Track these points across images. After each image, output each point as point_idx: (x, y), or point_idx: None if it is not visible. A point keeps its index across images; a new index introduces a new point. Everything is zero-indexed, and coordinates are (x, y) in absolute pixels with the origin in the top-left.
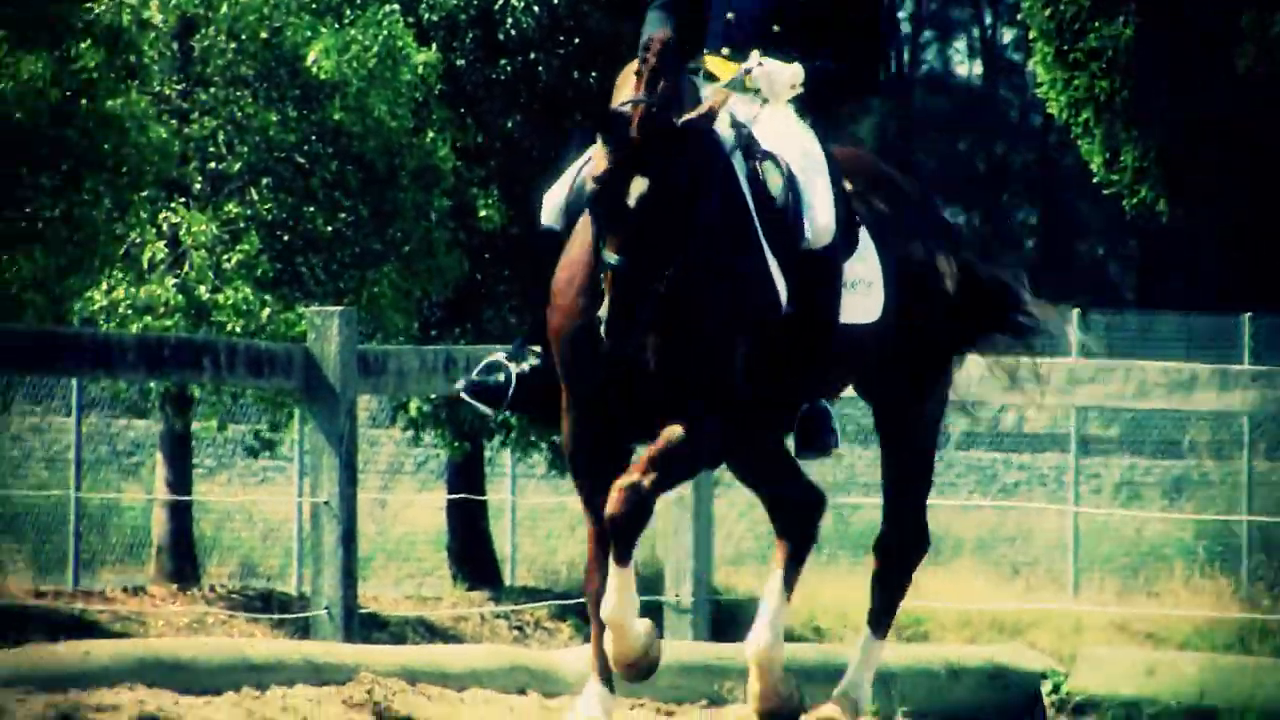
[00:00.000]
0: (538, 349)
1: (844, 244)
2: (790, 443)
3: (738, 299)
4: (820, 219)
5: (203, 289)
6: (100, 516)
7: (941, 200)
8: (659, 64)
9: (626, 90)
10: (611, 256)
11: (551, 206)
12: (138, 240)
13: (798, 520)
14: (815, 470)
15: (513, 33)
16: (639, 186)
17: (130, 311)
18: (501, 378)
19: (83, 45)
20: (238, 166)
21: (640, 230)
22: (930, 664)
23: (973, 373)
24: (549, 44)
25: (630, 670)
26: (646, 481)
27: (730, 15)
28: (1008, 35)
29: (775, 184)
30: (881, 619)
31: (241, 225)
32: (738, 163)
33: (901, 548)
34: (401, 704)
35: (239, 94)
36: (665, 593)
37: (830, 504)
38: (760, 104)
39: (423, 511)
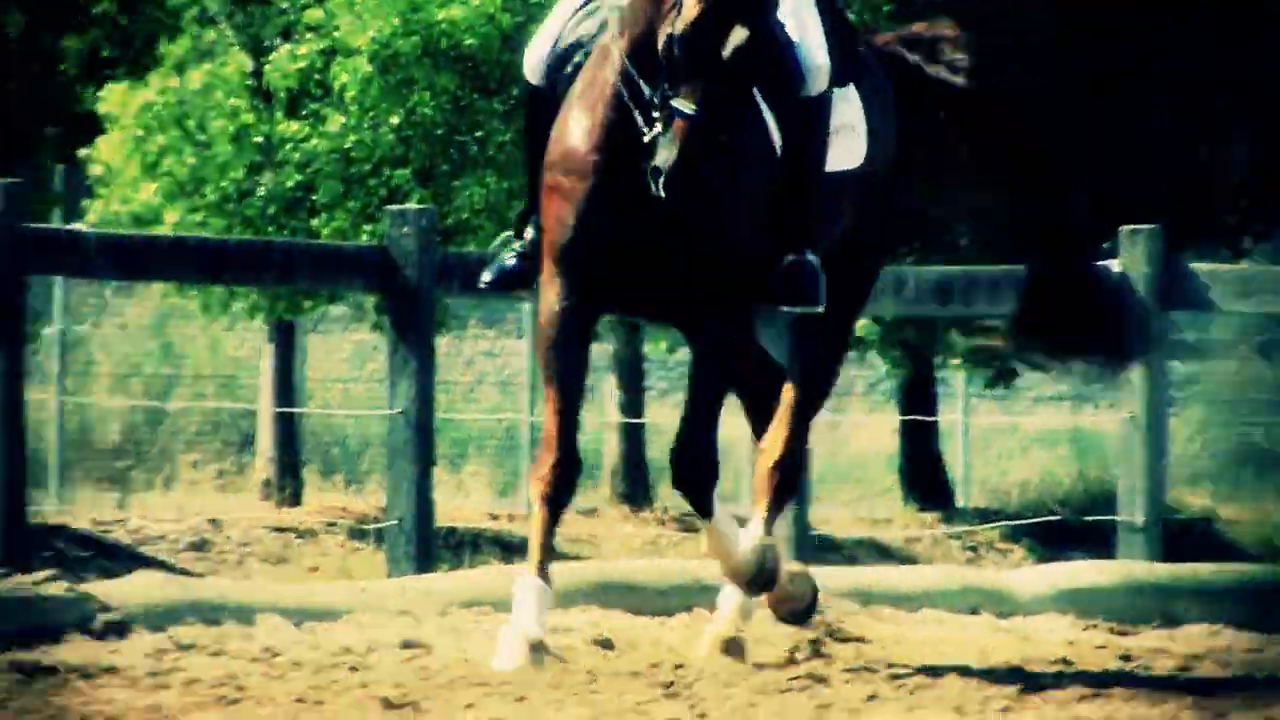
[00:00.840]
0: (533, 220)
1: (835, 81)
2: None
3: (756, 159)
4: (816, 59)
5: None
6: None
7: None
8: None
9: None
10: (688, 106)
11: (534, 62)
12: None
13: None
14: None
15: None
16: (738, 36)
17: None
18: (513, 261)
19: None
20: None
21: (728, 81)
22: None
23: None
24: None
25: (750, 586)
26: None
27: None
28: None
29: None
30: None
31: None
32: None
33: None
34: (854, 625)
35: None
36: (1119, 512)
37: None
38: None
39: (874, 433)
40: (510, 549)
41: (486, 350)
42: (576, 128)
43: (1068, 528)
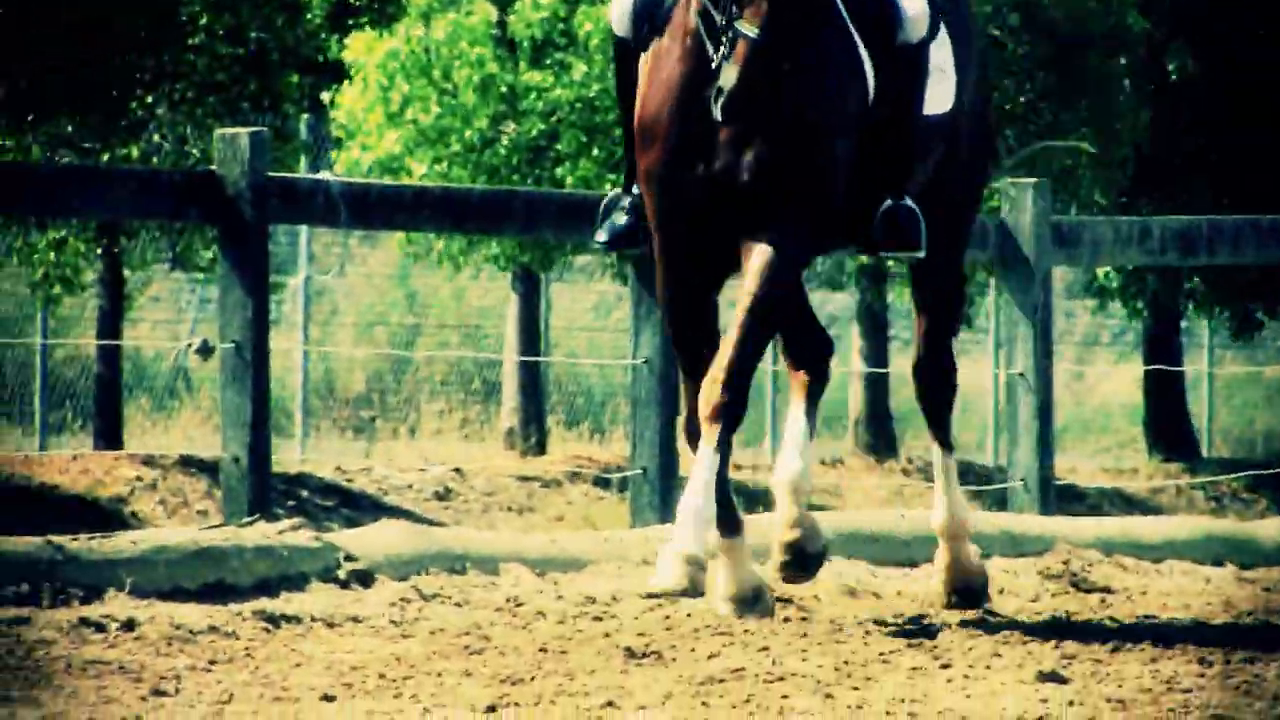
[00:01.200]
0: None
1: (931, 29)
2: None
3: (838, 94)
4: (914, 6)
5: None
6: None
7: None
8: None
9: None
10: (751, 28)
11: (620, 14)
12: None
13: (815, 358)
14: None
15: None
16: None
17: None
18: (627, 217)
19: None
20: None
21: (790, 3)
22: None
23: None
24: None
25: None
26: (728, 368)
27: None
28: None
29: None
30: (941, 436)
31: None
32: None
33: (936, 372)
34: (1098, 575)
35: None
36: None
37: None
38: None
39: (1119, 383)
40: (752, 498)
41: (731, 301)
42: (655, 97)
43: None
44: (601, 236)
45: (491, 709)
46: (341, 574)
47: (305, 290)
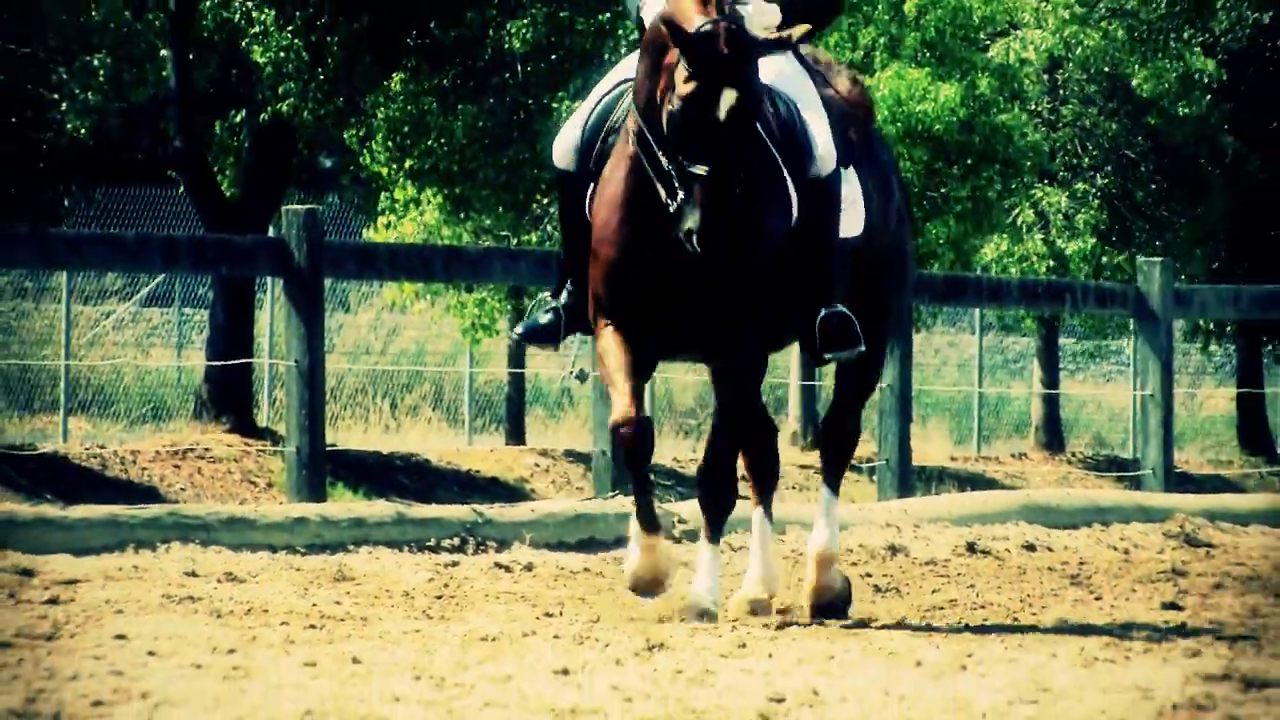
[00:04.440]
0: (569, 284)
1: (840, 163)
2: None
3: (778, 220)
4: (822, 147)
5: (1061, 243)
6: (995, 404)
7: None
8: None
9: (691, 17)
10: (700, 167)
11: (564, 149)
12: (1016, 211)
13: (767, 459)
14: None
15: None
16: (729, 98)
17: (1010, 260)
18: (549, 317)
19: (982, 78)
20: (1086, 160)
21: (729, 139)
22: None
23: None
24: None
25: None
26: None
27: None
28: None
29: (783, 112)
30: (832, 481)
31: (1087, 198)
32: None
33: (841, 435)
34: (1204, 535)
35: (1088, 110)
36: None
37: None
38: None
39: (1220, 402)
40: (966, 481)
41: (949, 341)
42: (611, 200)
43: None
44: (519, 330)
45: (782, 626)
46: (676, 533)
47: None
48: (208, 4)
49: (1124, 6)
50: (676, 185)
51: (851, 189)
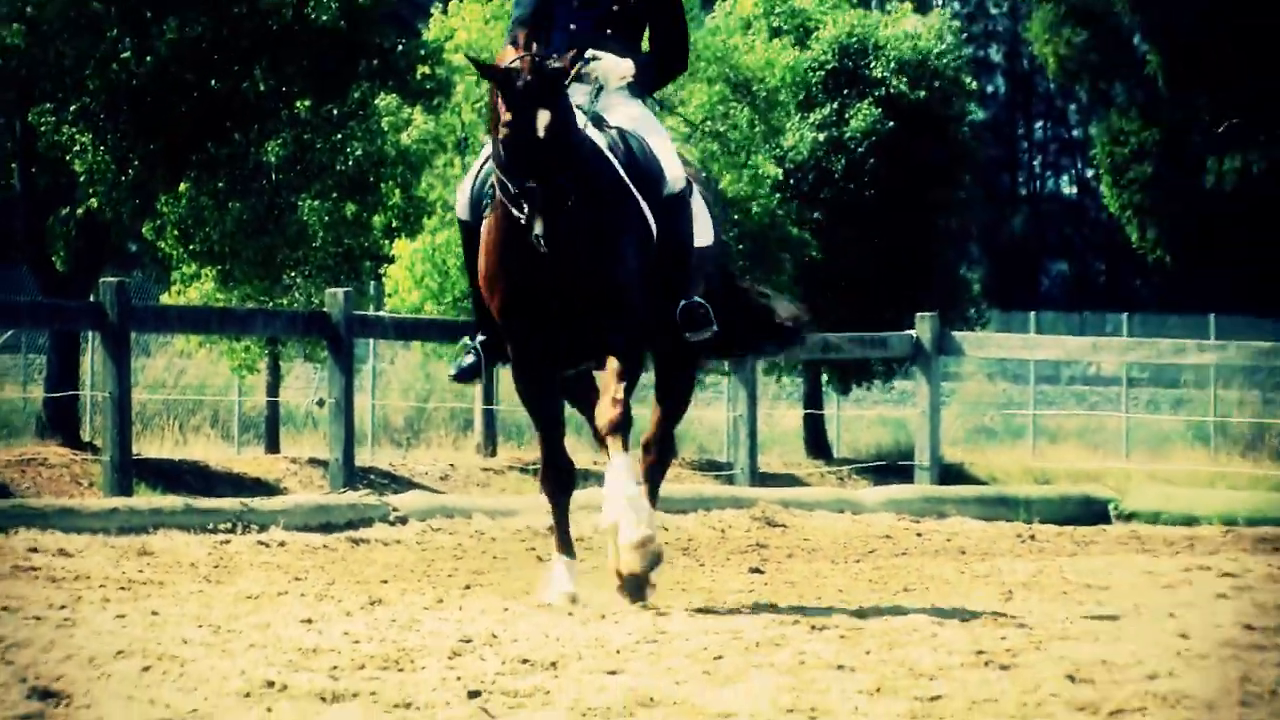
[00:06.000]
0: (482, 326)
1: (687, 187)
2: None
3: (628, 230)
4: (672, 169)
5: None
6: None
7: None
8: (528, 37)
9: (504, 59)
10: (530, 182)
11: (462, 203)
12: None
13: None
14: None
15: None
16: (544, 118)
17: None
18: (470, 358)
19: None
20: None
21: (549, 152)
22: (1049, 495)
23: None
24: None
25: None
26: (620, 393)
27: (572, 25)
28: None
29: (634, 147)
30: (652, 491)
31: None
32: (596, 135)
33: (663, 449)
34: (780, 518)
35: None
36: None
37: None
38: (597, 91)
39: (793, 418)
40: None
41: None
42: (487, 243)
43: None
44: (452, 371)
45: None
46: (390, 518)
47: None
48: (43, 128)
49: (716, 128)
50: (522, 202)
51: (699, 206)
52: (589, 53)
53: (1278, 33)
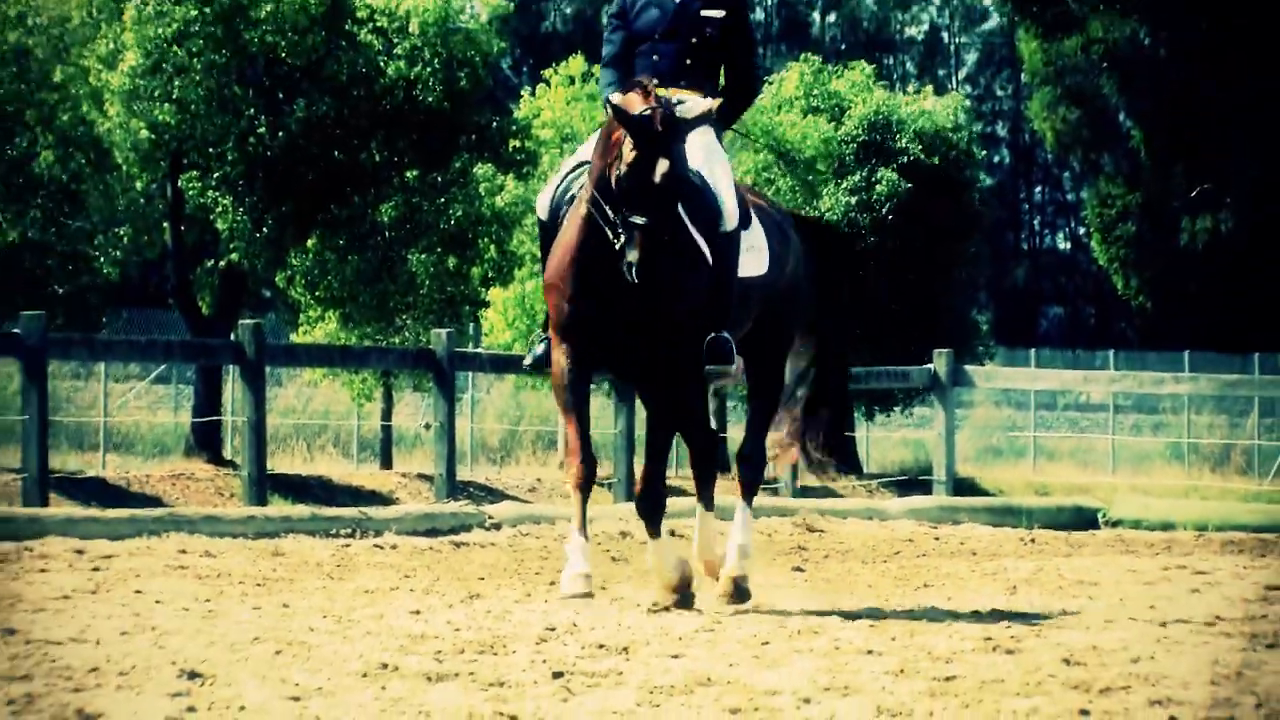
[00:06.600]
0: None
1: (742, 222)
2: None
3: (690, 260)
4: (728, 205)
5: None
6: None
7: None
8: (653, 87)
9: (635, 105)
10: (639, 219)
11: (543, 205)
12: None
13: (706, 460)
14: None
15: None
16: (663, 166)
17: None
18: (541, 347)
19: None
20: None
21: (663, 198)
22: (1048, 505)
23: None
24: None
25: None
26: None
27: (655, 57)
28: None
29: (700, 183)
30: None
31: None
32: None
33: (758, 455)
34: (818, 525)
35: None
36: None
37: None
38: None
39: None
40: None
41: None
42: (563, 245)
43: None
44: (528, 360)
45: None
46: (487, 525)
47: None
48: (191, 193)
49: (762, 191)
50: (620, 231)
51: (754, 235)
52: (676, 95)
53: (1243, 115)
